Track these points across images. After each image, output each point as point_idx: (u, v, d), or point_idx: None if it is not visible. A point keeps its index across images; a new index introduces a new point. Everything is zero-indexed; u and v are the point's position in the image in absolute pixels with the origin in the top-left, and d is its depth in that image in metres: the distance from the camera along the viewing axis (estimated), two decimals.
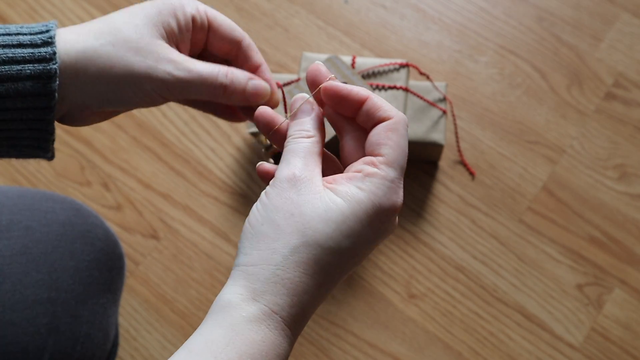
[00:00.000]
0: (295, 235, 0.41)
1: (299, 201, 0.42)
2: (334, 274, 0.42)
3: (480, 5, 1.10)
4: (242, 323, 0.39)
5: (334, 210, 0.41)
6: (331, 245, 0.41)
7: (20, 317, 0.63)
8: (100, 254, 0.70)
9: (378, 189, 0.42)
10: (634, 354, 0.91)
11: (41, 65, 0.44)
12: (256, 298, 0.40)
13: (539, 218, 0.98)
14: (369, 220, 0.42)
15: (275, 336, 0.40)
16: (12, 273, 0.64)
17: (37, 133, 0.47)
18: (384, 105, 0.45)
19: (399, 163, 0.43)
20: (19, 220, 0.67)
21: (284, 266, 0.40)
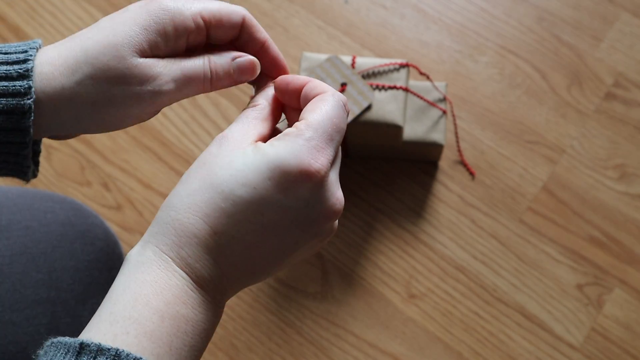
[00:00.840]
0: (196, 181, 0.40)
1: (215, 153, 0.41)
2: (234, 226, 0.40)
3: (480, 6, 1.10)
4: (136, 267, 0.39)
5: (238, 159, 0.40)
6: (224, 190, 0.39)
7: (20, 317, 0.63)
8: (100, 254, 0.70)
9: (287, 145, 0.40)
10: (634, 354, 0.91)
11: (15, 100, 0.42)
12: (150, 241, 0.40)
13: (539, 218, 0.98)
14: (271, 174, 0.39)
15: (168, 276, 0.39)
16: (12, 273, 0.64)
17: (13, 165, 0.46)
18: (320, 85, 0.44)
19: (321, 126, 0.41)
20: (18, 220, 0.67)
21: (178, 208, 0.40)
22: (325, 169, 0.41)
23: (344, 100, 0.44)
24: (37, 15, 1.13)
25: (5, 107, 0.42)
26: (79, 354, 0.35)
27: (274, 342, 0.94)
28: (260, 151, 0.40)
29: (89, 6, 1.14)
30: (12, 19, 1.13)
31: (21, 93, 0.42)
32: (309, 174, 0.40)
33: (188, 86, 0.46)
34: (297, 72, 1.06)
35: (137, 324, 0.37)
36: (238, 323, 0.95)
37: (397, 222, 0.99)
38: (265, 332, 0.94)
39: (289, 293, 0.96)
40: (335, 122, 0.42)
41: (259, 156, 0.40)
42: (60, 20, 1.12)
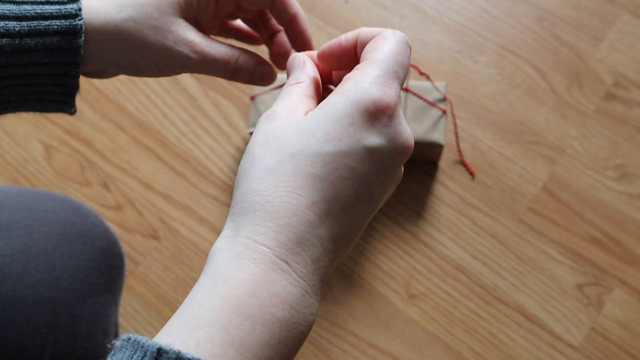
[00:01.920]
0: (270, 157, 0.37)
1: (274, 128, 0.38)
2: (330, 189, 0.36)
3: (480, 5, 1.10)
4: (225, 264, 0.35)
5: (307, 122, 0.38)
6: (308, 154, 0.36)
7: (20, 316, 0.63)
8: (100, 254, 0.70)
9: (355, 86, 0.38)
10: (634, 354, 0.91)
11: (67, 21, 0.44)
12: (238, 233, 0.36)
13: (539, 218, 0.98)
14: (351, 118, 0.37)
15: (265, 271, 0.34)
16: (12, 272, 0.64)
17: (62, 88, 0.48)
18: (374, 29, 0.43)
19: (387, 62, 0.40)
20: (18, 220, 0.67)
21: (261, 190, 0.36)
22: (396, 102, 0.39)
23: (406, 37, 0.42)
24: None
25: (59, 28, 0.44)
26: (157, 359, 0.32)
27: None
28: (327, 103, 0.38)
29: None
30: None
31: (72, 14, 0.44)
32: (383, 108, 0.38)
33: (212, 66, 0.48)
34: None
35: (224, 331, 0.33)
36: None
37: (397, 222, 0.99)
38: None
39: None
40: (400, 58, 0.41)
41: (327, 107, 0.38)
42: None
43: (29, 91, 0.47)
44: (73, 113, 0.52)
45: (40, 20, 0.44)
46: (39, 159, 1.05)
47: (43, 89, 0.47)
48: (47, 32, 0.44)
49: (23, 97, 0.47)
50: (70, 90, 0.48)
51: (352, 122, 0.37)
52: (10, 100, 0.47)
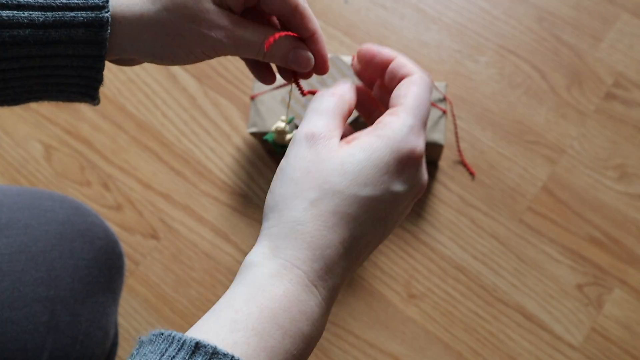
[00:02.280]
0: (312, 191, 0.40)
1: (316, 159, 0.41)
2: (359, 228, 0.41)
3: (480, 6, 1.10)
4: (263, 278, 0.39)
5: (350, 162, 0.41)
6: (348, 195, 0.40)
7: (19, 315, 0.63)
8: (99, 253, 0.70)
9: (395, 133, 0.42)
10: (634, 354, 0.91)
11: (94, 12, 0.44)
12: (277, 254, 0.40)
13: (539, 218, 0.98)
14: (387, 166, 0.41)
15: (298, 291, 0.39)
16: (11, 271, 0.64)
17: (86, 80, 0.47)
18: (408, 63, 0.46)
19: (419, 111, 0.43)
20: (18, 219, 0.67)
21: (303, 221, 0.40)
22: (423, 150, 0.43)
23: (431, 81, 0.46)
24: None
25: (85, 20, 0.43)
26: (194, 353, 0.35)
27: None
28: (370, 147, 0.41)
29: None
30: None
31: (99, 6, 0.44)
32: (414, 158, 0.42)
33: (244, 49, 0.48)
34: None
35: (259, 337, 0.37)
36: None
37: None
38: None
39: None
40: (427, 106, 0.44)
41: (369, 152, 0.41)
42: None
43: (52, 82, 0.46)
44: (97, 104, 0.51)
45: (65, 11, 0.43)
46: (39, 159, 1.05)
47: (66, 81, 0.47)
48: (73, 23, 0.43)
49: (45, 87, 0.47)
50: (94, 83, 0.48)
51: (387, 170, 0.41)
52: (32, 90, 0.47)
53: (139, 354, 0.37)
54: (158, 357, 0.36)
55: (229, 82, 1.08)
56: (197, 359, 0.35)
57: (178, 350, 0.35)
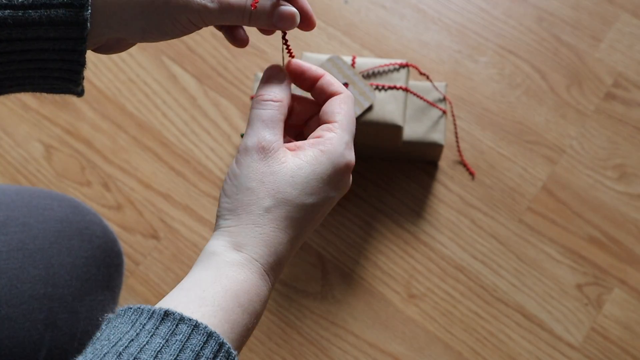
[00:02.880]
0: (267, 199, 0.47)
1: (268, 171, 0.48)
2: (302, 227, 0.49)
3: (480, 6, 1.11)
4: (226, 266, 0.45)
5: (299, 175, 0.48)
6: (297, 204, 0.48)
7: (17, 313, 0.63)
8: (98, 251, 0.70)
9: (335, 149, 0.49)
10: (634, 354, 0.91)
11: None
12: (238, 249, 0.46)
13: (539, 218, 0.98)
14: (329, 178, 0.49)
15: (256, 279, 0.46)
16: (9, 268, 0.64)
17: (68, 64, 0.47)
18: (335, 82, 0.52)
19: (350, 127, 0.50)
20: (16, 217, 0.67)
21: (260, 224, 0.47)
22: (353, 160, 0.50)
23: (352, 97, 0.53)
24: None
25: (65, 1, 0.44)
26: (163, 319, 0.40)
27: (274, 342, 0.94)
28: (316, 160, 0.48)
29: None
30: None
31: None
32: (349, 170, 0.50)
33: (229, 12, 0.49)
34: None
35: (224, 312, 0.43)
36: None
37: (397, 222, 0.99)
38: (265, 332, 0.94)
39: (289, 293, 0.96)
40: (354, 121, 0.52)
41: (315, 165, 0.48)
42: None
43: (34, 67, 0.46)
44: (81, 94, 0.51)
45: None
46: (39, 159, 1.05)
47: (49, 65, 0.46)
48: (52, 4, 0.43)
49: (28, 73, 0.46)
50: (76, 67, 0.47)
51: (328, 181, 0.49)
52: (15, 77, 0.46)
53: (108, 327, 0.41)
54: (129, 327, 0.40)
55: (229, 82, 1.08)
56: (166, 324, 0.40)
57: (148, 319, 0.40)
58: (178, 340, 0.40)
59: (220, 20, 0.50)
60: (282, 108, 0.50)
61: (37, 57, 0.45)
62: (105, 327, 0.42)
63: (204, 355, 0.40)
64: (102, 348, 0.40)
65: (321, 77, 0.52)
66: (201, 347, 0.40)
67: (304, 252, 0.98)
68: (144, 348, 0.39)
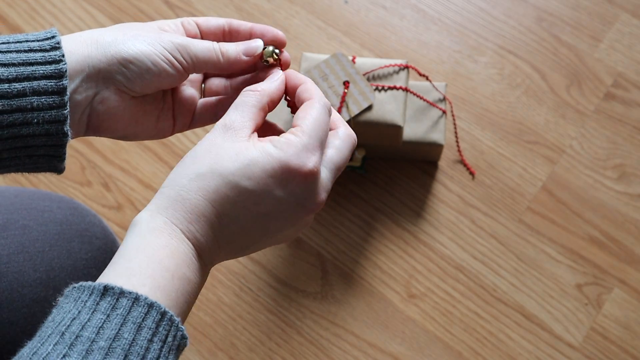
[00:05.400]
0: (204, 166, 0.47)
1: (220, 143, 0.48)
2: (235, 211, 0.47)
3: (480, 6, 1.11)
4: (147, 232, 0.45)
5: (243, 154, 0.47)
6: (231, 180, 0.46)
7: (18, 316, 0.63)
8: (98, 253, 0.70)
9: (288, 147, 0.47)
10: (633, 354, 0.91)
11: (52, 66, 0.48)
12: (160, 212, 0.46)
13: (539, 218, 0.98)
14: (274, 172, 0.47)
15: (177, 243, 0.45)
16: (9, 272, 0.64)
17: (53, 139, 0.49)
18: (311, 89, 0.52)
19: (315, 133, 0.49)
20: (15, 220, 0.67)
21: (187, 188, 0.46)
22: (317, 168, 0.48)
23: (329, 105, 0.52)
24: (37, 15, 1.13)
25: (45, 73, 0.48)
26: (103, 295, 0.41)
27: (274, 342, 0.94)
28: (264, 151, 0.47)
29: (90, 7, 1.14)
30: (12, 20, 1.13)
31: (56, 60, 0.48)
32: (302, 174, 0.48)
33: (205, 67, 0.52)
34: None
35: (152, 279, 0.43)
36: (238, 323, 0.95)
37: (397, 222, 0.99)
38: (265, 332, 0.94)
39: (289, 293, 0.96)
40: (324, 127, 0.50)
41: (264, 155, 0.47)
42: (61, 21, 1.13)
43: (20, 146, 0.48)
44: (62, 171, 0.53)
45: (26, 66, 0.47)
46: None
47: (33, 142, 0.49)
48: (34, 76, 0.47)
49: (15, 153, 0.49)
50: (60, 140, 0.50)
51: (272, 175, 0.47)
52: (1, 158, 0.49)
53: (56, 309, 0.42)
54: (72, 305, 0.41)
55: None
56: (106, 299, 0.41)
57: (89, 296, 0.41)
58: (119, 314, 0.40)
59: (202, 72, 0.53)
60: (258, 96, 0.50)
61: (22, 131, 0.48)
62: (54, 309, 0.43)
63: (146, 326, 0.41)
64: (46, 330, 0.41)
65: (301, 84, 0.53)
66: (142, 319, 0.41)
67: (304, 252, 0.98)
68: (86, 325, 0.40)
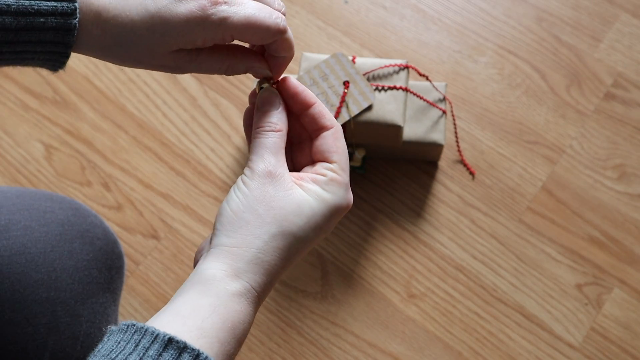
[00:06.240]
0: (274, 225, 0.47)
1: (277, 196, 0.48)
2: (296, 259, 0.50)
3: (480, 6, 1.11)
4: (226, 295, 0.45)
5: (306, 207, 0.48)
6: (301, 236, 0.48)
7: (20, 317, 0.63)
8: (99, 253, 0.70)
9: (339, 191, 0.50)
10: (633, 354, 0.91)
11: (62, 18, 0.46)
12: (239, 276, 0.46)
13: (539, 218, 0.98)
14: (331, 216, 0.49)
15: (252, 308, 0.46)
16: (11, 273, 0.64)
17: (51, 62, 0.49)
18: (327, 114, 0.52)
19: (348, 167, 0.52)
20: (17, 220, 0.67)
21: (264, 250, 0.47)
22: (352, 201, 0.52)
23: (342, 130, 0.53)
24: None
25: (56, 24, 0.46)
26: (167, 346, 0.41)
27: (274, 342, 0.94)
28: (321, 198, 0.49)
29: None
30: None
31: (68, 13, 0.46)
32: (347, 209, 0.51)
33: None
34: (297, 72, 1.06)
35: (220, 344, 0.44)
36: None
37: (397, 222, 0.99)
38: (265, 332, 0.94)
39: (289, 293, 0.96)
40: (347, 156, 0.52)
41: (321, 203, 0.49)
42: None
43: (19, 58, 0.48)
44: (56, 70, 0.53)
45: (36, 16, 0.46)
46: (39, 159, 1.05)
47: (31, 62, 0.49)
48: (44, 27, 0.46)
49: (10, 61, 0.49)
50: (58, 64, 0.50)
51: (329, 219, 0.50)
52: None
53: (110, 341, 0.42)
54: (133, 347, 0.41)
55: (229, 82, 1.08)
56: (169, 352, 0.40)
57: (151, 343, 0.40)
58: None
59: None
60: (283, 137, 0.51)
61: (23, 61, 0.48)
62: (107, 340, 0.42)
63: None
64: None
65: (313, 105, 0.52)
66: None
67: None
68: None
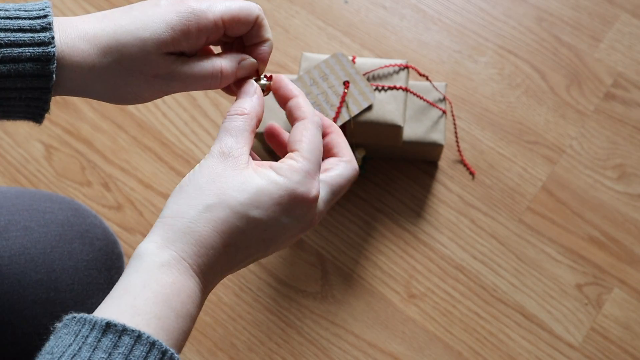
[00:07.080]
0: (211, 197, 0.46)
1: (224, 173, 0.47)
2: (244, 241, 0.47)
3: (480, 6, 1.11)
4: (155, 267, 0.44)
5: (250, 184, 0.47)
6: (240, 211, 0.46)
7: (19, 318, 0.63)
8: (99, 254, 0.70)
9: (295, 176, 0.48)
10: (634, 354, 0.91)
11: (40, 48, 0.46)
12: (168, 246, 0.45)
13: (539, 218, 0.98)
14: (281, 200, 0.47)
15: (185, 279, 0.45)
16: (11, 274, 0.64)
17: (33, 109, 0.49)
18: (303, 106, 0.52)
19: (314, 157, 0.50)
20: (17, 221, 0.67)
21: (196, 220, 0.46)
22: (317, 193, 0.49)
23: (320, 122, 0.52)
24: None
25: (32, 55, 0.46)
26: (105, 331, 0.40)
27: (274, 342, 0.94)
28: (270, 179, 0.48)
29: (89, 6, 1.14)
30: None
31: (45, 42, 0.47)
32: (308, 201, 0.48)
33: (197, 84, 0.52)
34: (297, 72, 1.06)
35: (157, 319, 0.42)
36: (238, 323, 0.95)
37: (397, 222, 0.99)
38: (265, 332, 0.94)
39: (289, 293, 0.96)
40: (319, 147, 0.51)
41: (270, 183, 0.47)
42: None
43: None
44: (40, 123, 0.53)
45: (13, 47, 0.46)
46: (39, 159, 1.05)
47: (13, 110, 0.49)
48: (20, 58, 0.46)
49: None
50: (40, 111, 0.50)
51: (279, 202, 0.47)
52: None
53: (54, 337, 0.41)
54: (73, 338, 0.40)
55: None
56: (108, 336, 0.40)
57: (90, 331, 0.40)
58: (121, 353, 0.40)
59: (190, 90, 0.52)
60: (248, 119, 0.50)
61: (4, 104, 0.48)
62: (52, 337, 0.42)
63: None
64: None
65: (292, 98, 0.52)
66: (144, 358, 0.40)
67: (304, 252, 0.98)
68: None
